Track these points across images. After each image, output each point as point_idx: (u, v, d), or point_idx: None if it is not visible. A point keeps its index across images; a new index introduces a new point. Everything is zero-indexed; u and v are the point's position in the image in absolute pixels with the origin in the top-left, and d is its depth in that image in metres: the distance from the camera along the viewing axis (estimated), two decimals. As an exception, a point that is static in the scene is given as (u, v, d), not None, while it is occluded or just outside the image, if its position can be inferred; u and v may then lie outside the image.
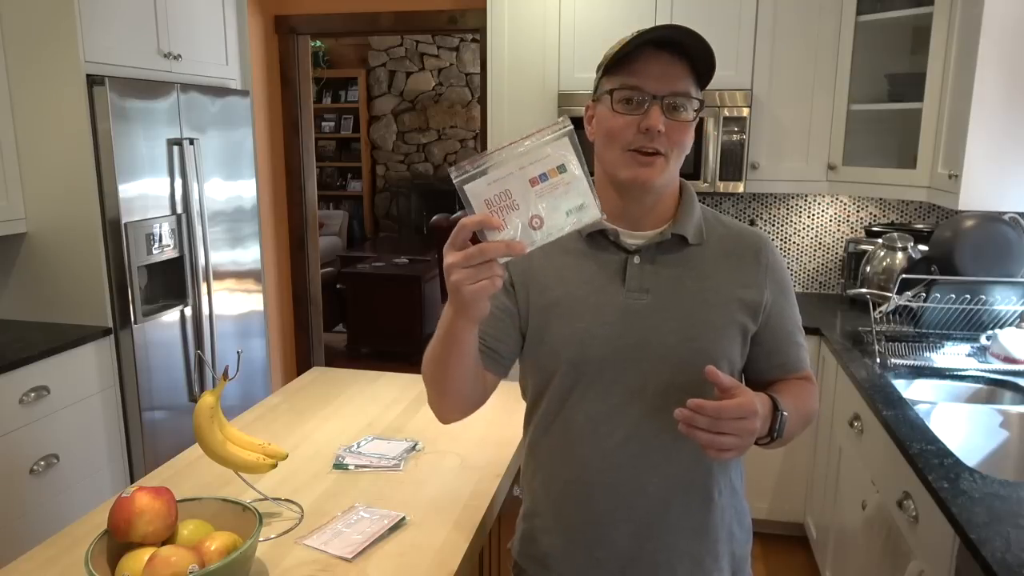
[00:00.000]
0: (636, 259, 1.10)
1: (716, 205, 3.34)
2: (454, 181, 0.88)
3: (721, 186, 2.90)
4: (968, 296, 2.36)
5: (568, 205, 0.88)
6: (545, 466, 1.18)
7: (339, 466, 1.53)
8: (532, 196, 0.88)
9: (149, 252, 2.75)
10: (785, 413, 1.03)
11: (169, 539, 1.12)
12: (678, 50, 1.03)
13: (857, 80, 2.82)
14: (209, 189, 3.06)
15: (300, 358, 4.11)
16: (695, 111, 1.05)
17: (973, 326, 2.42)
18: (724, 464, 1.14)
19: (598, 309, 1.09)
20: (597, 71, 1.10)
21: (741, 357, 1.13)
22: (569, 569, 1.17)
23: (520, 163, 0.87)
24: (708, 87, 1.10)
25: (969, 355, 2.29)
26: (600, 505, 1.12)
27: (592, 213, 0.89)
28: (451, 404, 1.13)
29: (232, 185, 3.22)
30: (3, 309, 2.75)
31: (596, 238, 1.13)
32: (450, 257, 0.87)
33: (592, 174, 1.14)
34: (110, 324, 2.66)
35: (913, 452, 1.59)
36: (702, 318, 1.08)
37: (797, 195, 3.27)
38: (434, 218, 5.26)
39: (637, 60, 1.03)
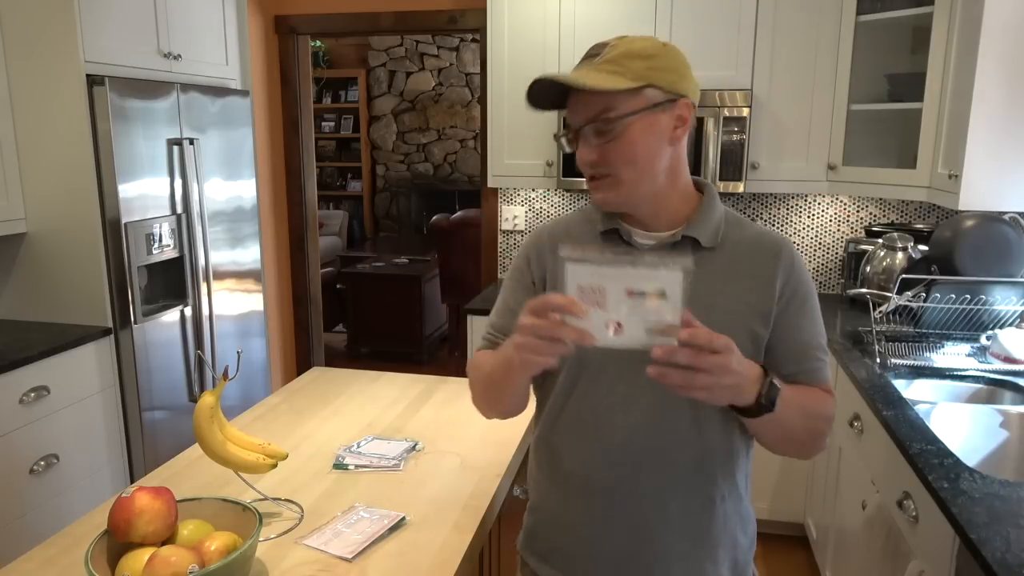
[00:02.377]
0: None
1: (716, 205, 3.33)
2: (562, 255, 0.92)
3: (721, 186, 2.90)
4: (968, 296, 2.36)
5: (652, 325, 0.91)
6: (549, 461, 1.20)
7: (339, 466, 1.53)
8: (623, 304, 0.90)
9: (149, 252, 2.75)
10: (776, 383, 1.00)
11: (169, 539, 1.12)
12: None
13: (857, 80, 2.82)
14: (209, 189, 3.06)
15: (300, 358, 4.11)
16: (628, 121, 1.04)
17: (973, 326, 2.42)
18: (729, 469, 1.12)
19: None
20: None
21: None
22: (568, 564, 1.18)
23: (628, 273, 0.89)
24: (708, 87, 1.12)
25: (969, 355, 2.29)
26: (599, 502, 1.14)
27: (671, 342, 0.91)
28: (501, 413, 1.21)
29: (232, 185, 3.22)
30: (3, 309, 2.75)
31: (611, 237, 1.15)
32: (526, 319, 0.93)
33: None
34: (110, 324, 2.66)
35: (913, 452, 1.59)
36: (707, 322, 1.04)
37: (797, 195, 3.26)
38: (434, 218, 5.25)
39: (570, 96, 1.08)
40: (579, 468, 1.15)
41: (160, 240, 2.80)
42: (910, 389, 2.11)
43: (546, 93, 1.07)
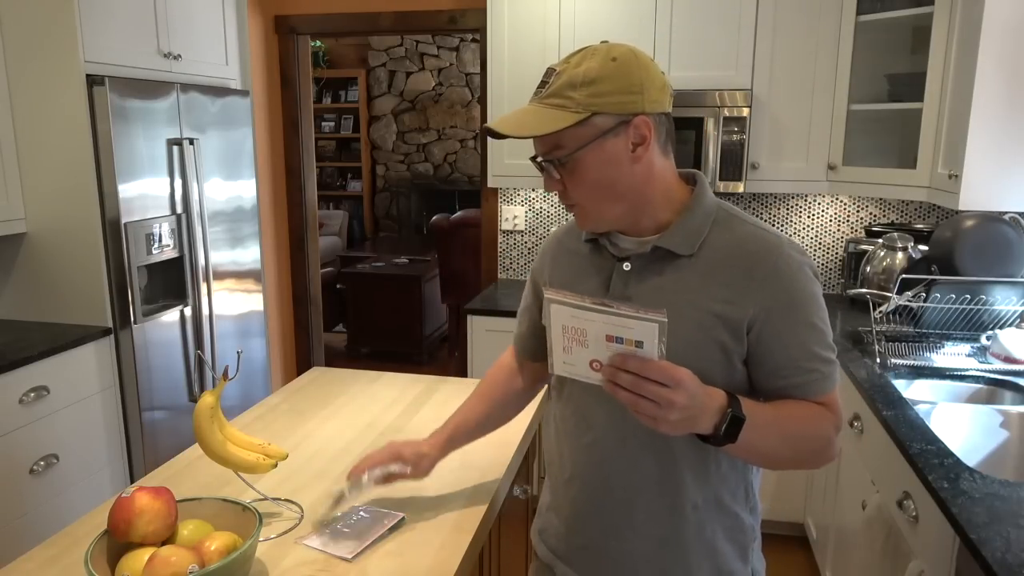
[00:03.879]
0: (626, 266, 1.11)
1: (716, 205, 3.33)
2: (546, 295, 0.97)
3: (721, 186, 2.90)
4: (968, 296, 2.36)
5: None
6: (547, 451, 1.28)
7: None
8: (603, 346, 0.94)
9: (149, 252, 2.75)
10: (740, 413, 0.97)
11: (169, 539, 1.12)
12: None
13: (857, 80, 2.82)
14: (209, 189, 3.06)
15: (300, 358, 4.11)
16: (578, 156, 1.03)
17: (973, 326, 2.42)
18: (703, 478, 1.11)
19: None
20: None
21: (725, 376, 1.06)
22: (556, 546, 1.25)
23: (607, 320, 0.92)
24: (708, 87, 1.12)
25: (969, 355, 2.29)
26: (576, 496, 1.19)
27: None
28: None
29: (232, 185, 3.22)
30: (3, 309, 2.75)
31: (596, 242, 1.17)
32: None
33: None
34: (110, 324, 2.66)
35: (913, 452, 1.59)
36: (673, 332, 1.02)
37: (797, 195, 3.26)
38: (434, 218, 5.24)
39: None
40: (561, 462, 1.22)
41: (160, 240, 2.80)
42: (910, 389, 2.11)
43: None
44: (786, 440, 1.05)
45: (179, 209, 2.89)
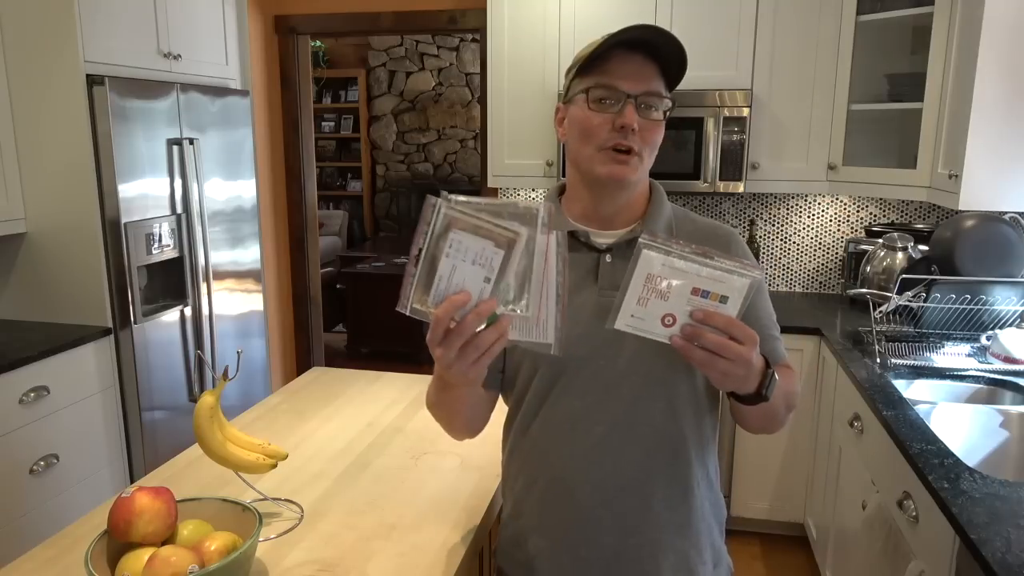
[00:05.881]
0: (608, 257, 1.13)
1: (716, 205, 3.34)
2: (640, 239, 0.90)
3: (721, 186, 2.90)
4: (968, 296, 2.36)
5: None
6: (527, 466, 1.19)
7: None
8: (684, 300, 0.90)
9: (149, 252, 2.75)
10: (775, 374, 1.01)
11: (169, 539, 1.12)
12: (650, 51, 1.06)
13: (857, 80, 2.82)
14: (209, 189, 3.06)
15: (300, 358, 4.11)
16: (665, 111, 1.09)
17: (973, 326, 2.42)
18: (701, 456, 1.16)
19: (573, 308, 1.08)
20: (567, 74, 1.13)
21: None
22: (554, 570, 1.17)
23: (702, 272, 0.89)
24: (708, 87, 1.12)
25: (969, 355, 2.29)
26: (583, 502, 1.13)
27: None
28: (460, 430, 1.22)
29: (232, 185, 3.22)
30: (3, 309, 2.75)
31: (568, 240, 1.14)
32: (436, 338, 0.88)
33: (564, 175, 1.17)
34: (110, 324, 2.66)
35: (913, 452, 1.59)
36: None
37: (797, 195, 3.26)
38: (434, 218, 5.25)
39: (610, 60, 1.06)
40: (561, 470, 1.14)
41: (160, 240, 2.80)
42: (910, 389, 2.11)
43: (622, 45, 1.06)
44: (785, 397, 1.12)
45: (179, 209, 2.89)
